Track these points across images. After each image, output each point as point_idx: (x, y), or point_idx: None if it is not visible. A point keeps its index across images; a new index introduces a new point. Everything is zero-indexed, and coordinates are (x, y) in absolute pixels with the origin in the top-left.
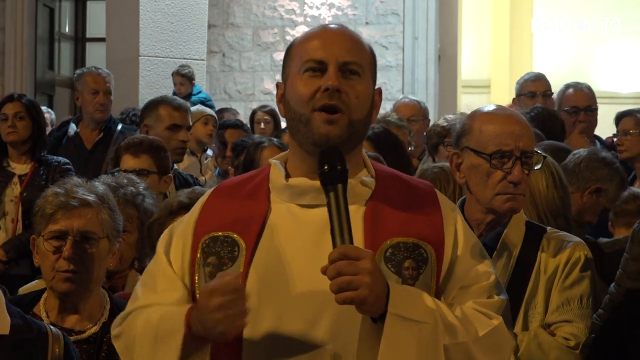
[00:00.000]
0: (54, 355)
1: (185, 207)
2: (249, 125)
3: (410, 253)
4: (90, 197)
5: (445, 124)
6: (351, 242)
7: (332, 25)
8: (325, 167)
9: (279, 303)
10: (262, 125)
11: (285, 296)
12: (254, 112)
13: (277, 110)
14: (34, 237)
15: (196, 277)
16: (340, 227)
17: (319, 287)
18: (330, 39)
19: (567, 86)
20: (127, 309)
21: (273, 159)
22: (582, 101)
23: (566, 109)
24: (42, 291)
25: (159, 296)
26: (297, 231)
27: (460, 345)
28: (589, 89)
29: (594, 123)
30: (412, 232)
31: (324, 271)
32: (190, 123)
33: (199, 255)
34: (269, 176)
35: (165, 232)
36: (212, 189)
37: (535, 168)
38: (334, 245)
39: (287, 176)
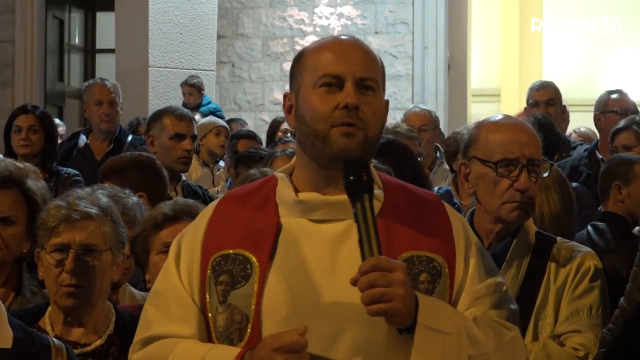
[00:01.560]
0: None
1: (170, 219)
2: (267, 135)
3: (424, 267)
4: (93, 210)
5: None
6: (380, 253)
7: (344, 37)
8: (351, 177)
9: (299, 320)
10: (289, 136)
11: (304, 313)
12: (279, 122)
13: None
14: (38, 250)
15: (207, 296)
16: (368, 237)
17: (338, 303)
18: (346, 53)
19: (610, 92)
20: (145, 332)
21: (278, 173)
22: (629, 104)
23: (615, 109)
24: (47, 304)
25: (177, 327)
26: (311, 247)
27: (483, 356)
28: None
29: None
30: (424, 245)
31: (354, 282)
32: (195, 132)
33: (209, 273)
34: (275, 190)
35: (174, 243)
36: (217, 201)
37: (543, 176)
38: (363, 256)
39: (296, 190)
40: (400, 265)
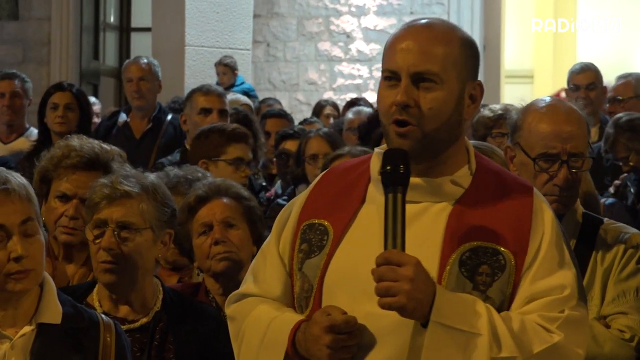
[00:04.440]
0: (105, 344)
1: (203, 200)
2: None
3: (487, 258)
4: (133, 188)
5: (491, 114)
6: (403, 247)
7: (417, 23)
8: (388, 168)
9: (350, 297)
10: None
11: (357, 290)
12: (322, 106)
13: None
14: (86, 228)
15: (293, 263)
16: (394, 230)
17: None
18: (407, 44)
19: (619, 77)
20: (240, 289)
21: (377, 148)
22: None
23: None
24: (95, 281)
25: (265, 288)
26: (380, 226)
27: None
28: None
29: None
30: (494, 237)
31: (373, 273)
32: (224, 107)
33: (298, 241)
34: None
35: (284, 208)
36: (324, 172)
37: (584, 170)
38: (385, 247)
39: None
40: (412, 260)
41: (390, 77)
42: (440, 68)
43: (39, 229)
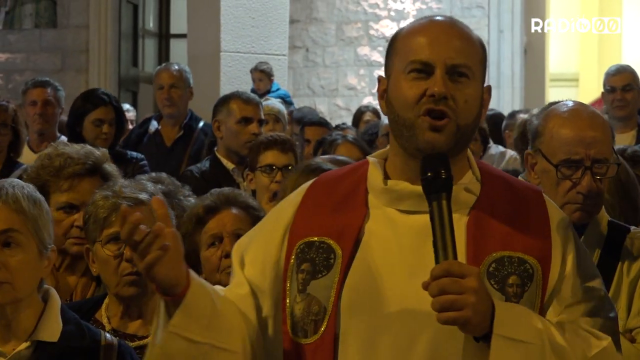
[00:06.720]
0: None
1: (212, 211)
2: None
3: (515, 269)
4: (142, 195)
5: None
6: (455, 256)
7: (439, 18)
8: (429, 174)
9: (372, 320)
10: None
11: (380, 312)
12: (362, 112)
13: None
14: (88, 246)
15: (288, 284)
16: (443, 240)
17: (417, 304)
18: (438, 37)
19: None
20: None
21: (370, 157)
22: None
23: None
24: (104, 296)
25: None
26: (396, 239)
27: None
28: None
29: None
30: (517, 245)
31: (426, 287)
32: (262, 116)
33: (292, 261)
34: (367, 176)
35: (243, 239)
36: (308, 185)
37: (608, 176)
38: (437, 259)
39: (387, 177)
40: (474, 270)
41: (419, 69)
42: (473, 62)
43: (29, 243)
